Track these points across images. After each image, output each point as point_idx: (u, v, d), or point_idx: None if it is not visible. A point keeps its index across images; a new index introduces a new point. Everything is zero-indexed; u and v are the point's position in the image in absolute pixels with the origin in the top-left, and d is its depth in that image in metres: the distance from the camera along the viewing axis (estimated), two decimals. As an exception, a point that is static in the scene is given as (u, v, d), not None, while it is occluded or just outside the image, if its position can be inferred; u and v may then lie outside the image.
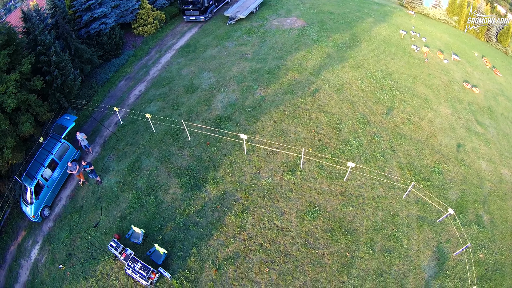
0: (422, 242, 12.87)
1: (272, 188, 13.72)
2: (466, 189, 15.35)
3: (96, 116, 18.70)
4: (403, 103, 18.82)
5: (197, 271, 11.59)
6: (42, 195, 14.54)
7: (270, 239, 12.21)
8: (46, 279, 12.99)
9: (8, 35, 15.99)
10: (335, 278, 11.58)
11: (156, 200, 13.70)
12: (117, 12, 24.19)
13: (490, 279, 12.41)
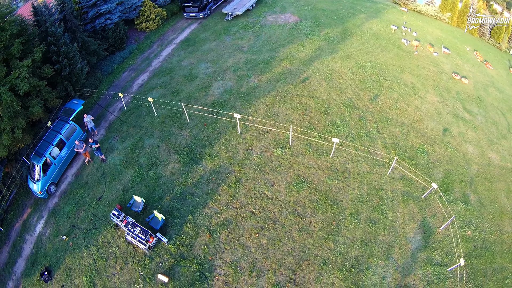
0: (407, 216, 13.45)
1: (263, 162, 14.44)
2: (452, 169, 15.91)
3: (101, 103, 19.48)
4: (390, 90, 19.47)
5: (192, 236, 12.28)
6: (49, 172, 15.27)
7: (260, 207, 12.90)
8: (49, 251, 13.65)
9: (21, 26, 16.88)
10: (321, 244, 12.22)
11: (157, 174, 14.44)
12: (121, 8, 25.05)
13: (480, 256, 12.83)
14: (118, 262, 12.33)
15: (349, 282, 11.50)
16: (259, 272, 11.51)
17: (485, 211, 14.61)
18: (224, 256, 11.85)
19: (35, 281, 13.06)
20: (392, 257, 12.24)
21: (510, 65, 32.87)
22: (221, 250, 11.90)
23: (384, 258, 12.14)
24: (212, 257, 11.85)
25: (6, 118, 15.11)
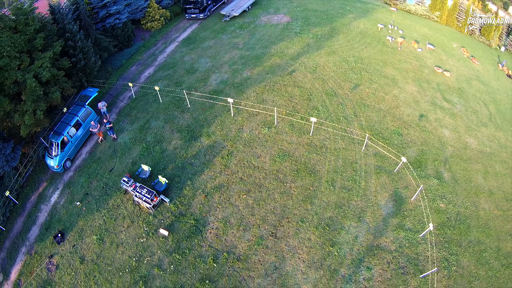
0: (379, 186, 15.27)
1: (252, 139, 16.45)
2: (426, 149, 17.62)
3: (112, 93, 21.55)
4: (370, 81, 21.39)
5: (190, 197, 14.28)
6: (66, 149, 17.30)
7: (248, 174, 14.89)
8: (63, 217, 15.57)
9: (42, 22, 19.00)
10: (300, 205, 14.16)
11: (161, 148, 16.50)
12: (129, 9, 27.17)
13: (454, 227, 14.41)
14: (126, 221, 14.32)
15: (324, 238, 13.41)
16: (246, 226, 13.48)
17: (460, 188, 16.14)
18: (216, 213, 13.84)
19: (48, 244, 14.84)
20: (365, 220, 14.10)
21: (499, 61, 34.09)
22: (214, 209, 13.89)
23: (357, 220, 14.02)
24: (206, 214, 13.84)
25: (29, 101, 17.16)
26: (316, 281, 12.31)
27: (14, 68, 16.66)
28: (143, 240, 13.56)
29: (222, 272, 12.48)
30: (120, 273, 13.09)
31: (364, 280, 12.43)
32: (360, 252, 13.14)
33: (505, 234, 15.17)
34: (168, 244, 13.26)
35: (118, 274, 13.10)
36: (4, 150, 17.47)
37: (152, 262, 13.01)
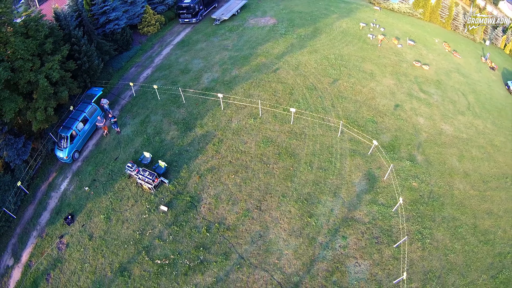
0: (353, 167, 17.27)
1: (239, 128, 18.50)
2: (400, 135, 19.56)
3: (114, 92, 23.45)
4: (348, 76, 23.45)
5: (186, 178, 16.28)
6: (74, 142, 19.19)
7: (236, 158, 16.92)
8: (73, 201, 17.40)
9: (50, 28, 20.88)
10: (281, 183, 16.18)
11: (160, 139, 18.50)
12: (127, 15, 29.12)
13: (427, 204, 16.24)
14: (130, 201, 16.27)
15: (303, 210, 15.43)
16: (234, 201, 15.49)
17: (433, 169, 17.95)
18: (209, 191, 15.85)
19: (59, 226, 16.59)
20: (340, 195, 16.12)
21: (483, 54, 35.78)
22: (206, 187, 15.90)
23: (332, 196, 16.04)
24: (200, 192, 15.84)
25: (40, 99, 19.03)
26: (296, 247, 14.33)
27: (28, 69, 18.50)
28: (145, 216, 15.52)
29: (214, 240, 14.48)
30: (125, 246, 15.02)
31: (340, 248, 14.45)
32: (336, 223, 15.17)
33: (482, 212, 17.07)
34: (168, 218, 15.25)
35: (123, 246, 15.03)
36: (15, 144, 19.29)
37: (154, 234, 14.97)
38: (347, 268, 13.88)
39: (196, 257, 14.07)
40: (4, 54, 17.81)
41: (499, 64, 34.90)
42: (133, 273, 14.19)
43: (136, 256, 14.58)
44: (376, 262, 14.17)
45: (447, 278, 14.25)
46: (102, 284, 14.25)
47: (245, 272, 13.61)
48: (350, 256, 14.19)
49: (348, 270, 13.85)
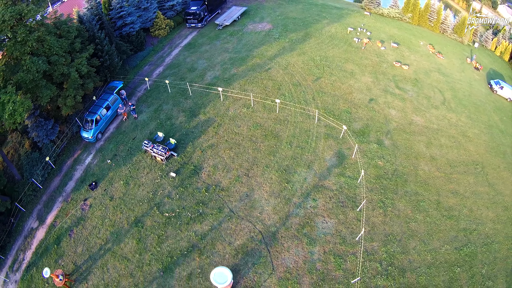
0: (326, 146, 21.44)
1: (235, 115, 22.89)
2: (371, 124, 23.55)
3: (131, 86, 27.95)
4: (330, 75, 27.62)
5: (191, 152, 20.66)
6: (99, 124, 23.61)
7: (231, 137, 21.29)
8: (96, 172, 21.71)
9: (78, 30, 25.39)
10: (266, 157, 20.45)
11: (171, 123, 22.99)
12: (141, 20, 33.76)
13: (390, 179, 20.03)
14: (145, 170, 20.63)
15: (282, 178, 19.64)
16: (228, 170, 19.81)
17: (399, 152, 21.72)
18: (208, 162, 20.20)
19: (83, 192, 20.81)
20: (313, 168, 20.30)
21: (469, 55, 38.79)
22: (207, 159, 20.24)
23: (307, 168, 20.24)
24: (202, 162, 20.19)
25: (71, 89, 23.42)
26: (275, 205, 18.55)
27: (61, 63, 22.92)
28: (157, 181, 19.86)
29: (211, 198, 18.78)
30: (140, 204, 19.33)
31: (310, 207, 18.61)
32: (308, 189, 19.36)
33: (446, 191, 20.56)
34: (175, 182, 19.60)
35: (138, 204, 19.34)
36: (45, 126, 23.70)
37: (164, 194, 19.30)
38: (316, 224, 18.02)
39: (196, 211, 18.37)
40: (41, 50, 22.17)
41: (487, 65, 38.35)
42: (146, 224, 18.47)
43: (148, 211, 18.88)
44: (341, 221, 18.26)
45: (408, 242, 17.83)
46: (120, 234, 18.50)
47: (234, 222, 17.87)
48: (319, 215, 18.34)
49: (317, 225, 17.98)
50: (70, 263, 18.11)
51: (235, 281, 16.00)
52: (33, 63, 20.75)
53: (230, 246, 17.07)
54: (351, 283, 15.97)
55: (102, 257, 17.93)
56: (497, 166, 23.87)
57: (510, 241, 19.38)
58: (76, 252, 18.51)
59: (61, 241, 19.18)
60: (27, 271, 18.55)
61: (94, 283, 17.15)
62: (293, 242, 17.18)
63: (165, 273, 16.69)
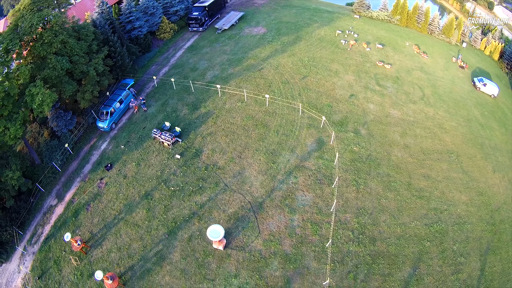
0: (308, 134, 25.47)
1: (231, 108, 27.06)
2: (349, 116, 27.51)
3: (140, 83, 32.13)
4: (316, 73, 31.71)
5: (193, 139, 24.80)
6: (113, 116, 27.72)
7: (227, 127, 25.43)
8: (111, 155, 25.73)
9: (95, 34, 29.59)
10: (256, 142, 24.53)
11: (176, 115, 27.14)
12: (148, 24, 38.04)
13: (364, 163, 23.89)
14: (154, 153, 24.73)
15: (269, 159, 23.67)
16: (224, 152, 23.92)
17: (374, 140, 25.51)
18: (208, 146, 24.32)
19: (99, 172, 24.81)
20: (295, 151, 24.34)
21: (455, 55, 41.28)
22: (206, 144, 24.36)
23: (290, 151, 24.28)
24: (202, 147, 24.31)
25: (89, 85, 27.55)
26: (262, 181, 22.59)
27: (82, 62, 27.05)
28: (165, 162, 23.96)
29: (209, 175, 22.87)
30: (150, 180, 23.39)
31: (292, 183, 22.63)
32: (290, 168, 23.38)
33: (418, 175, 24.10)
34: (180, 162, 23.71)
35: (148, 181, 23.40)
36: (65, 117, 27.77)
37: (170, 172, 23.40)
38: (296, 197, 22.05)
39: (197, 185, 22.47)
40: (64, 51, 26.25)
41: (474, 64, 41.01)
42: (154, 196, 22.53)
43: (157, 186, 22.96)
44: (318, 195, 22.27)
45: (379, 216, 21.65)
46: (132, 205, 22.51)
47: (228, 194, 21.95)
48: (299, 189, 22.38)
49: (297, 198, 22.00)
50: (87, 232, 21.95)
51: (228, 241, 20.03)
52: (58, 62, 24.80)
53: (224, 213, 21.13)
54: (326, 247, 19.91)
55: (116, 225, 21.88)
56: (473, 155, 27.29)
57: (484, 223, 22.73)
58: (93, 222, 22.37)
59: (79, 214, 23.01)
60: (45, 242, 22.02)
61: (108, 247, 21.00)
62: (276, 211, 21.22)
63: (169, 235, 20.71)
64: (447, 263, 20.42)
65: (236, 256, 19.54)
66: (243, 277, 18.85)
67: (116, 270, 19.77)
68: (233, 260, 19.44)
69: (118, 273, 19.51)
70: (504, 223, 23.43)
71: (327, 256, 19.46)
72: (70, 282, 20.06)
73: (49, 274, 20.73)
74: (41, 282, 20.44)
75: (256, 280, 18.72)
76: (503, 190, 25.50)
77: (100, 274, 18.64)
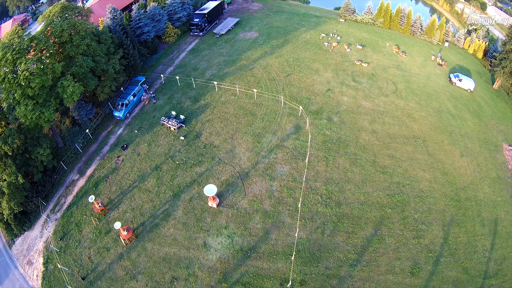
0: (288, 121, 32.20)
1: (226, 101, 34.04)
2: (324, 106, 34.29)
3: (149, 80, 39.09)
4: (299, 72, 38.50)
5: (195, 125, 31.77)
6: (128, 107, 34.69)
7: (222, 115, 32.42)
8: (126, 138, 32.61)
9: (112, 38, 36.58)
10: (245, 127, 31.37)
11: (180, 106, 34.13)
12: (154, 29, 45.13)
13: (334, 143, 30.40)
14: (163, 136, 31.60)
15: (255, 140, 30.43)
16: (219, 134, 30.81)
17: (345, 126, 32.15)
18: (206, 130, 31.24)
19: (116, 152, 31.67)
20: (277, 134, 31.06)
21: (435, 54, 45.57)
22: (205, 128, 31.27)
23: (272, 134, 31.01)
24: (201, 130, 31.21)
25: (108, 81, 34.46)
26: (249, 156, 29.33)
27: (102, 62, 33.92)
28: (171, 142, 30.79)
29: (207, 152, 29.71)
30: (159, 157, 30.18)
31: (272, 158, 29.31)
32: (272, 147, 30.12)
33: (383, 155, 30.15)
34: (184, 142, 30.58)
35: (158, 157, 30.18)
36: (86, 107, 34.60)
37: (175, 150, 30.22)
38: (276, 168, 28.69)
39: (197, 159, 29.26)
40: (88, 52, 33.05)
41: (455, 62, 45.79)
42: (163, 168, 29.28)
43: (165, 160, 29.73)
44: (293, 167, 28.89)
45: (344, 185, 28.06)
46: (144, 176, 29.21)
47: (221, 166, 28.73)
48: (278, 163, 29.04)
49: (276, 169, 28.64)
50: (106, 198, 28.60)
51: (220, 201, 26.66)
52: (84, 61, 31.61)
53: (218, 180, 27.88)
54: (298, 206, 26.44)
55: (131, 192, 28.56)
56: (440, 141, 32.59)
57: (448, 199, 27.79)
58: (111, 191, 29.07)
59: (99, 185, 29.71)
60: (68, 210, 28.34)
61: (123, 209, 27.64)
62: (259, 179, 27.92)
63: (174, 198, 27.39)
64: (408, 228, 25.73)
65: (227, 212, 26.17)
66: (232, 228, 25.41)
67: (130, 226, 26.44)
68: (224, 215, 26.06)
69: (132, 228, 26.13)
70: (470, 201, 28.35)
71: (298, 214, 25.96)
72: (89, 240, 26.37)
73: (70, 235, 27.02)
74: (62, 242, 26.66)
75: (241, 230, 25.28)
76: (470, 172, 30.70)
77: (118, 224, 25.05)
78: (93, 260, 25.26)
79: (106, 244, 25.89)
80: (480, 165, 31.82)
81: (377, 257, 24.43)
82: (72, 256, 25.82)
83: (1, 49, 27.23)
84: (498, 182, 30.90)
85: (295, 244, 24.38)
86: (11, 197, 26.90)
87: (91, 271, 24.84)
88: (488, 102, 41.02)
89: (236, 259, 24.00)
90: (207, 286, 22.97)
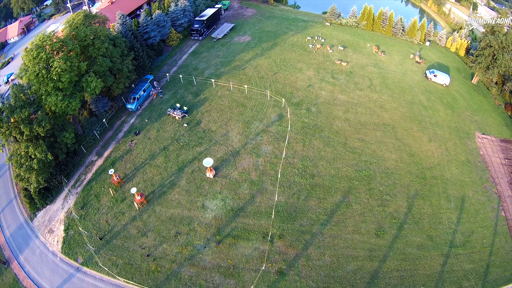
0: (273, 111, 40.53)
1: (221, 95, 42.60)
2: (305, 99, 42.51)
3: (156, 79, 47.46)
4: (284, 70, 46.85)
5: (196, 114, 40.28)
6: (139, 100, 43.20)
7: (218, 107, 40.92)
8: (138, 126, 41.09)
9: (124, 42, 44.99)
10: (237, 116, 39.80)
11: (183, 100, 42.67)
12: (160, 34, 53.65)
13: (310, 129, 38.71)
14: (169, 123, 40.00)
15: (245, 126, 38.78)
16: (215, 122, 39.22)
17: (321, 115, 40.53)
18: (205, 119, 39.70)
19: (130, 137, 40.10)
20: (263, 121, 39.39)
21: (414, 52, 51.51)
22: (204, 117, 39.73)
23: (259, 121, 39.35)
24: (201, 119, 39.66)
25: (122, 78, 42.94)
26: (239, 138, 37.63)
27: (118, 62, 42.24)
28: (176, 128, 39.16)
29: (206, 135, 38.08)
30: (166, 140, 38.50)
31: (259, 140, 37.57)
32: (258, 131, 38.42)
33: (353, 138, 38.07)
34: (187, 128, 39.00)
35: (165, 140, 38.49)
36: (102, 100, 42.98)
37: (180, 134, 38.57)
38: (261, 148, 36.91)
39: (197, 141, 37.58)
40: (106, 53, 41.35)
41: (435, 59, 51.74)
42: (169, 149, 37.55)
43: (171, 143, 38.00)
44: (275, 147, 37.08)
45: (318, 161, 36.34)
46: (154, 155, 37.43)
47: (217, 146, 37.06)
48: (263, 144, 37.27)
49: (262, 148, 36.85)
50: (122, 173, 36.74)
51: (216, 173, 34.80)
52: (103, 61, 39.93)
53: (214, 157, 36.11)
54: (278, 177, 34.47)
55: (143, 168, 36.75)
56: (409, 128, 39.45)
57: (413, 176, 34.52)
58: (126, 167, 37.26)
59: (115, 163, 37.88)
60: (88, 184, 36.24)
61: (137, 181, 35.77)
62: (247, 156, 36.13)
63: (179, 171, 35.56)
64: (373, 198, 32.96)
65: (221, 181, 34.31)
66: (225, 193, 33.52)
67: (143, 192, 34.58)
68: (219, 184, 34.20)
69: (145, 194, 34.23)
70: (436, 179, 34.41)
71: (278, 183, 34.01)
72: (106, 207, 34.15)
73: (89, 204, 34.60)
74: (83, 210, 34.33)
75: (232, 195, 33.38)
76: (437, 155, 37.44)
77: (134, 190, 33.06)
78: (110, 223, 32.84)
79: (121, 209, 33.68)
80: (448, 150, 37.93)
81: (345, 219, 31.56)
82: (91, 222, 33.01)
83: (35, 49, 35.14)
84: (468, 165, 37.00)
85: (275, 205, 32.32)
86: (39, 172, 33.80)
87: (108, 232, 32.13)
88: (464, 96, 46.66)
89: (228, 217, 31.95)
90: (204, 238, 30.87)
